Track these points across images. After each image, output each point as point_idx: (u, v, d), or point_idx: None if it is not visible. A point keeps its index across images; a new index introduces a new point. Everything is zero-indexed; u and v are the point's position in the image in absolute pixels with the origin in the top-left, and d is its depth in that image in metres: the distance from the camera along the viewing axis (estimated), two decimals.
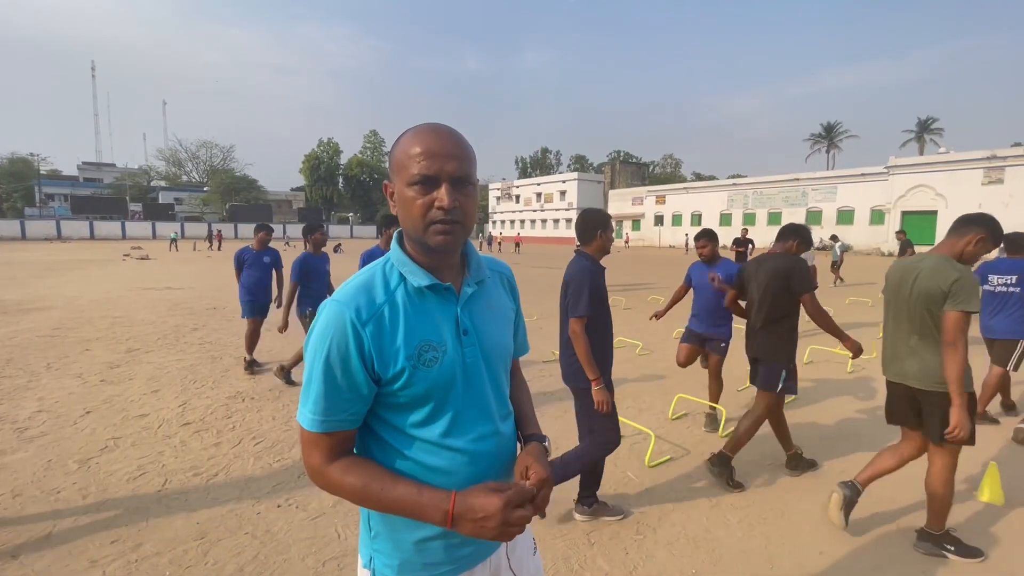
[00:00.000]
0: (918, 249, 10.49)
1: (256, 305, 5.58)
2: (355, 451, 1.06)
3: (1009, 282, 4.13)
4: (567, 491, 3.16)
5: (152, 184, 69.49)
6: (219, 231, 38.45)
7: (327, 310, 0.93)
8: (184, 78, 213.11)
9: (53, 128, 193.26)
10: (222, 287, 12.90)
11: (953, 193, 31.22)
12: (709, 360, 4.33)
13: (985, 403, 4.25)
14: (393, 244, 1.02)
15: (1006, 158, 29.71)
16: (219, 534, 2.67)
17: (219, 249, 33.97)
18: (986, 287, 4.21)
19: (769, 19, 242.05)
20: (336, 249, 32.18)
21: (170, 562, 2.43)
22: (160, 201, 62.03)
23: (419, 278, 0.96)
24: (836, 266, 14.79)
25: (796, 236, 3.32)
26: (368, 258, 4.37)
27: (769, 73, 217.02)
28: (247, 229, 55.47)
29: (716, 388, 4.28)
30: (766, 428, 4.10)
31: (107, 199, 57.05)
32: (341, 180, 72.88)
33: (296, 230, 52.08)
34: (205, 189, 65.91)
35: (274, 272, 5.83)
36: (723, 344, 4.19)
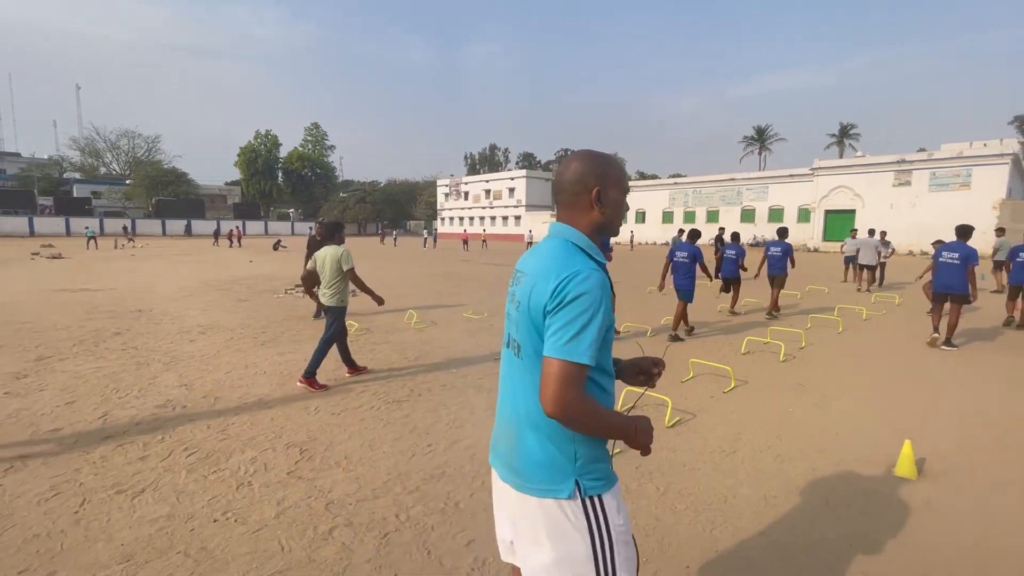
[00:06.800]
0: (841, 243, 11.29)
1: None
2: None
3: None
4: None
5: (65, 176, 63.51)
6: (236, 227, 37.48)
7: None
8: (98, 61, 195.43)
9: None
10: (149, 288, 12.00)
11: (869, 193, 33.96)
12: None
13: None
14: (585, 236, 1.35)
15: (913, 162, 32.63)
16: (147, 555, 2.46)
17: (239, 245, 33.01)
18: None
19: (714, 22, 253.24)
20: (276, 246, 30.74)
21: None
22: (75, 195, 56.78)
23: (601, 260, 1.37)
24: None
25: None
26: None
27: (710, 75, 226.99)
28: (176, 225, 52.03)
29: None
30: (719, 419, 4.26)
31: (12, 192, 51.64)
32: (280, 174, 69.72)
33: (228, 225, 49.53)
34: (128, 182, 61.03)
35: None
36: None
